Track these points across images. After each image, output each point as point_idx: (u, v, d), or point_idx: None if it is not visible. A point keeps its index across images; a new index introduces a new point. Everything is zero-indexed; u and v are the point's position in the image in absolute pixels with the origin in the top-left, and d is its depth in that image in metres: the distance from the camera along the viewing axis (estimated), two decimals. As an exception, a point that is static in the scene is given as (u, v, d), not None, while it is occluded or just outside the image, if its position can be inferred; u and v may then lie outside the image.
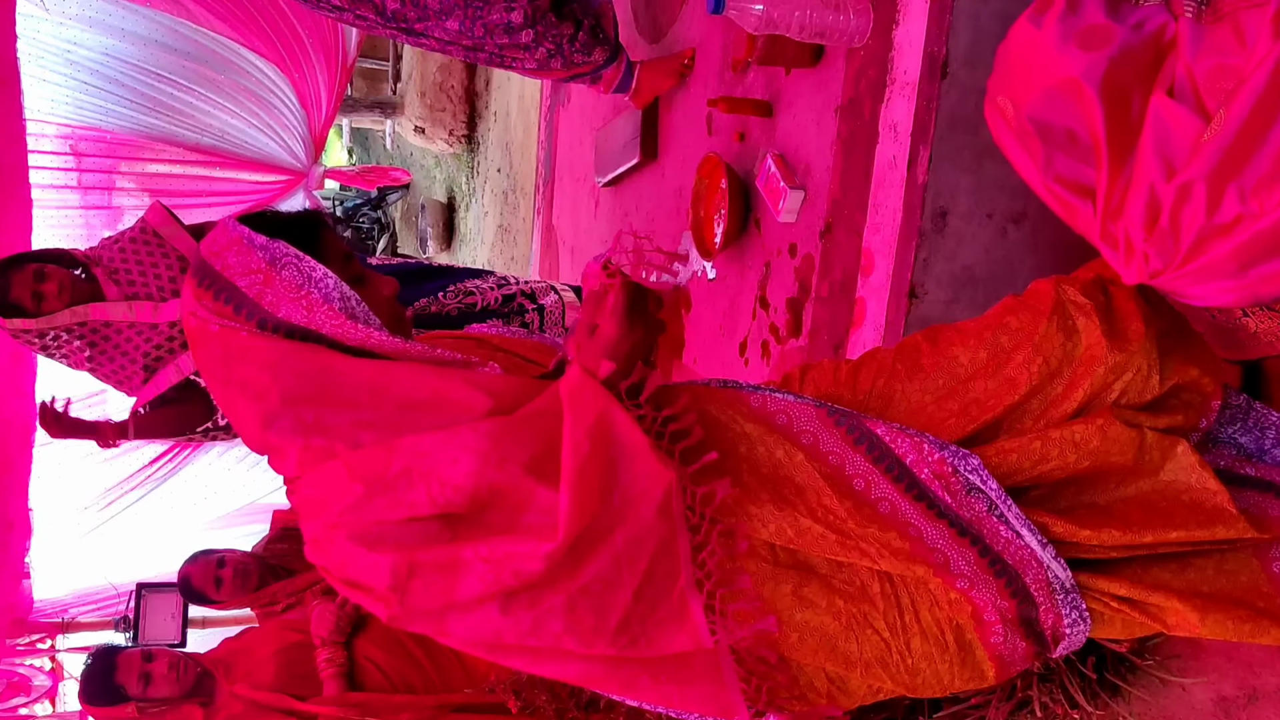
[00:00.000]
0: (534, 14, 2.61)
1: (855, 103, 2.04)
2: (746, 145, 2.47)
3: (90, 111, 5.18)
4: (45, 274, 2.77)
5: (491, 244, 6.77)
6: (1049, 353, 1.36)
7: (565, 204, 4.06)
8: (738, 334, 2.45)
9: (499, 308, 3.13)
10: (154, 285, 2.89)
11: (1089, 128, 1.29)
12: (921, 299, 1.85)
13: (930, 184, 1.83)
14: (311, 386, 1.15)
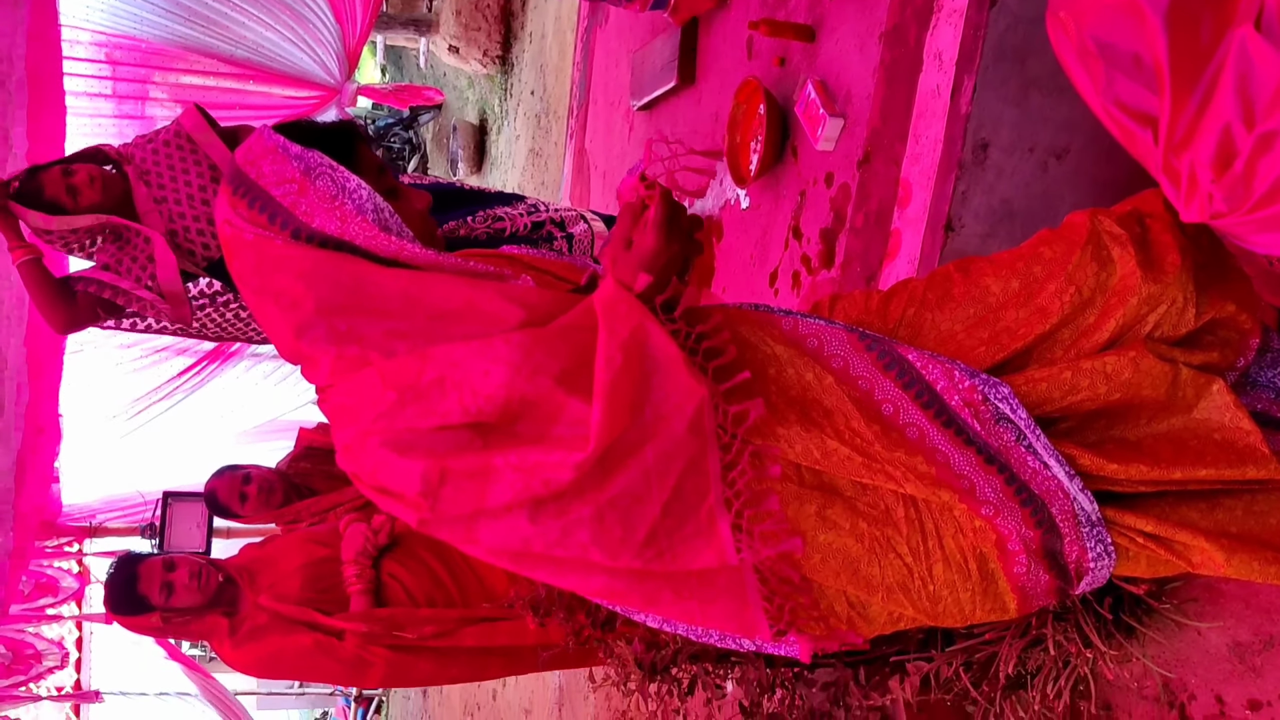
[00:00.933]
0: None
1: (900, 29, 2.00)
2: (787, 70, 2.43)
3: (126, 19, 5.16)
4: (71, 170, 2.78)
5: (523, 168, 6.73)
6: (1082, 282, 1.34)
7: (599, 128, 4.02)
8: (769, 264, 2.43)
9: (528, 234, 3.12)
10: (184, 192, 2.89)
11: (1153, 53, 1.22)
12: (958, 232, 1.83)
13: (973, 115, 1.80)
14: (345, 296, 1.15)
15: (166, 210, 2.88)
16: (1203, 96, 1.23)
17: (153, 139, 2.94)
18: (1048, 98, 1.81)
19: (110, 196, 2.84)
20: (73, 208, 2.81)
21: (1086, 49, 1.30)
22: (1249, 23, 1.21)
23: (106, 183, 2.82)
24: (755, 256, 2.51)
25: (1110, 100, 1.30)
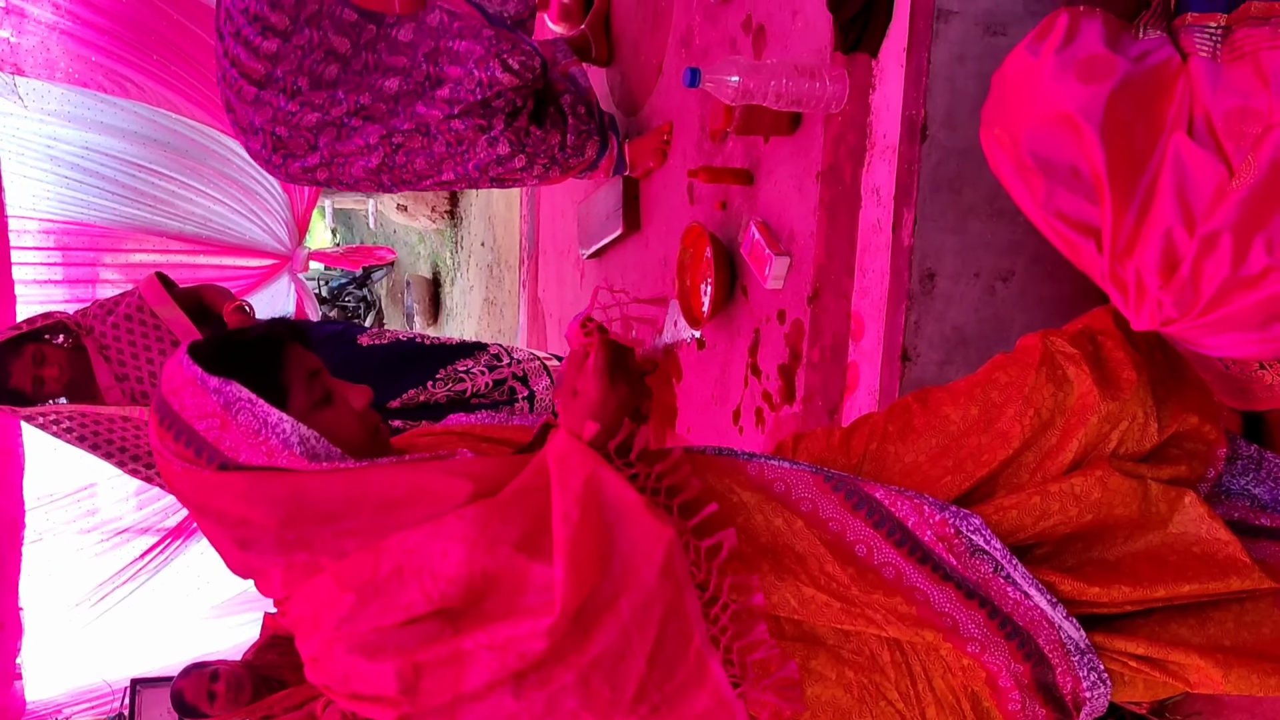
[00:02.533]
0: (518, 138, 2.68)
1: (836, 168, 2.04)
2: (729, 213, 2.47)
3: (73, 205, 5.19)
4: (44, 356, 2.75)
5: (479, 317, 6.76)
6: (1040, 404, 1.34)
7: (550, 276, 4.06)
8: (730, 402, 2.43)
9: (489, 392, 3.10)
10: (145, 370, 2.86)
11: (1090, 164, 1.25)
12: (914, 361, 1.84)
13: (916, 246, 1.83)
14: (286, 508, 1.12)
15: (129, 388, 2.85)
16: (1141, 203, 1.25)
17: (113, 310, 2.91)
18: (987, 223, 1.84)
19: (74, 383, 2.81)
20: (33, 396, 2.77)
21: (1024, 164, 1.32)
22: (1181, 129, 1.24)
23: (74, 370, 2.79)
24: (716, 395, 2.51)
25: (1051, 213, 1.32)
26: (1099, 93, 1.23)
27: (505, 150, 2.70)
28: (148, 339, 2.90)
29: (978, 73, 1.81)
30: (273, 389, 1.16)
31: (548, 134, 2.73)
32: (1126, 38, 1.27)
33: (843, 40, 1.99)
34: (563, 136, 2.76)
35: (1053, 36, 1.28)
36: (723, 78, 2.02)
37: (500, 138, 2.65)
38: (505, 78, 2.54)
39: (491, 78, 2.54)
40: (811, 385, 2.09)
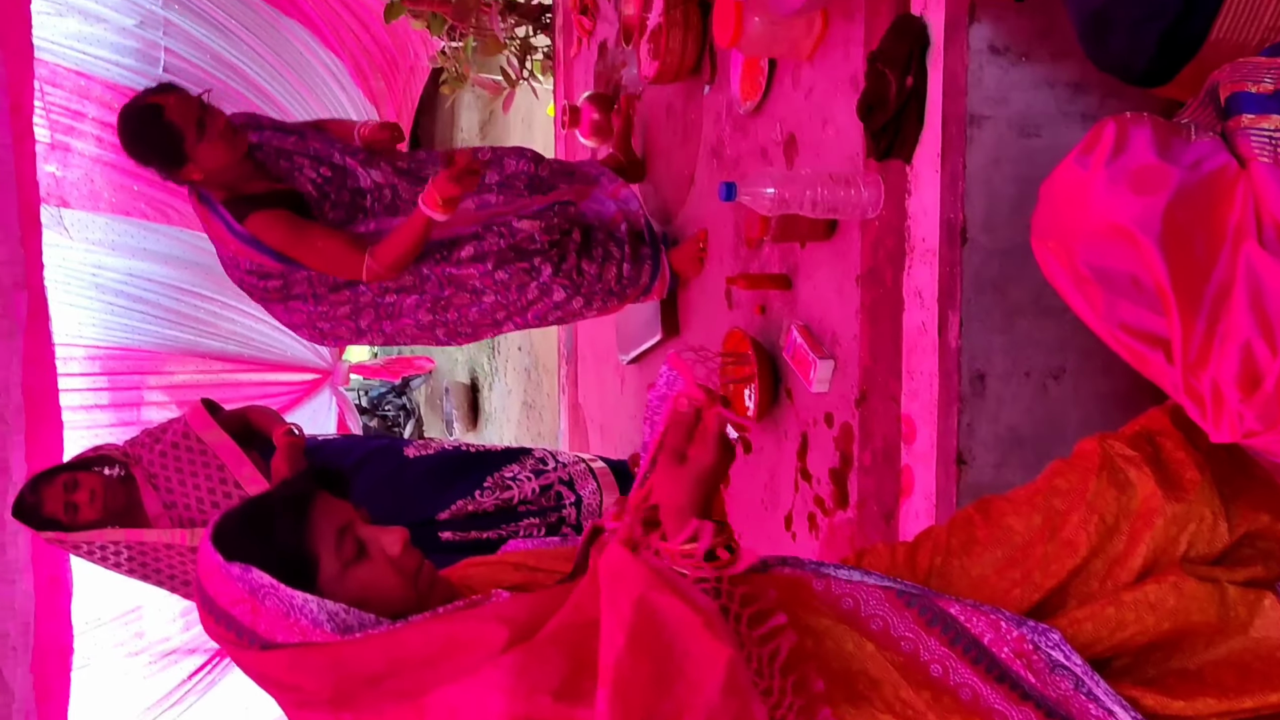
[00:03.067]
0: (572, 281, 2.76)
1: (876, 271, 2.05)
2: (769, 317, 2.48)
3: (117, 330, 5.29)
4: (76, 482, 2.79)
5: (518, 421, 6.78)
6: (1104, 509, 1.32)
7: (590, 382, 4.07)
8: (781, 507, 2.41)
9: (535, 498, 3.10)
10: (193, 496, 2.89)
11: (1151, 276, 1.22)
12: (970, 464, 1.82)
13: (963, 347, 1.82)
14: (331, 675, 1.13)
15: (176, 515, 2.87)
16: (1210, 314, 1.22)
17: (160, 438, 2.95)
18: (1034, 321, 1.83)
19: (112, 509, 2.83)
20: (69, 523, 2.79)
21: (1081, 275, 1.30)
22: (1249, 238, 1.22)
23: (109, 495, 2.81)
24: (766, 500, 2.49)
25: (1115, 325, 1.30)
26: (1154, 204, 1.21)
27: (561, 296, 2.76)
28: (194, 465, 2.93)
29: (1014, 175, 1.82)
30: (301, 557, 1.17)
31: (603, 269, 2.79)
32: (1178, 143, 1.25)
33: (875, 147, 2.01)
34: (618, 269, 2.83)
35: (1101, 147, 1.27)
36: (758, 190, 2.04)
37: (553, 284, 2.73)
38: (524, 225, 2.65)
39: (509, 228, 2.66)
40: (865, 490, 2.07)
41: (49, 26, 4.90)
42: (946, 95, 1.84)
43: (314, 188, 2.64)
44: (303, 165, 2.66)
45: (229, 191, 2.63)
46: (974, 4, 1.78)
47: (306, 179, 2.65)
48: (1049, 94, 1.84)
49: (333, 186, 2.65)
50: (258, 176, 2.65)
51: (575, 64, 3.99)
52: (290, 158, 2.66)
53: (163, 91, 2.60)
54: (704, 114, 2.82)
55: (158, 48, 5.18)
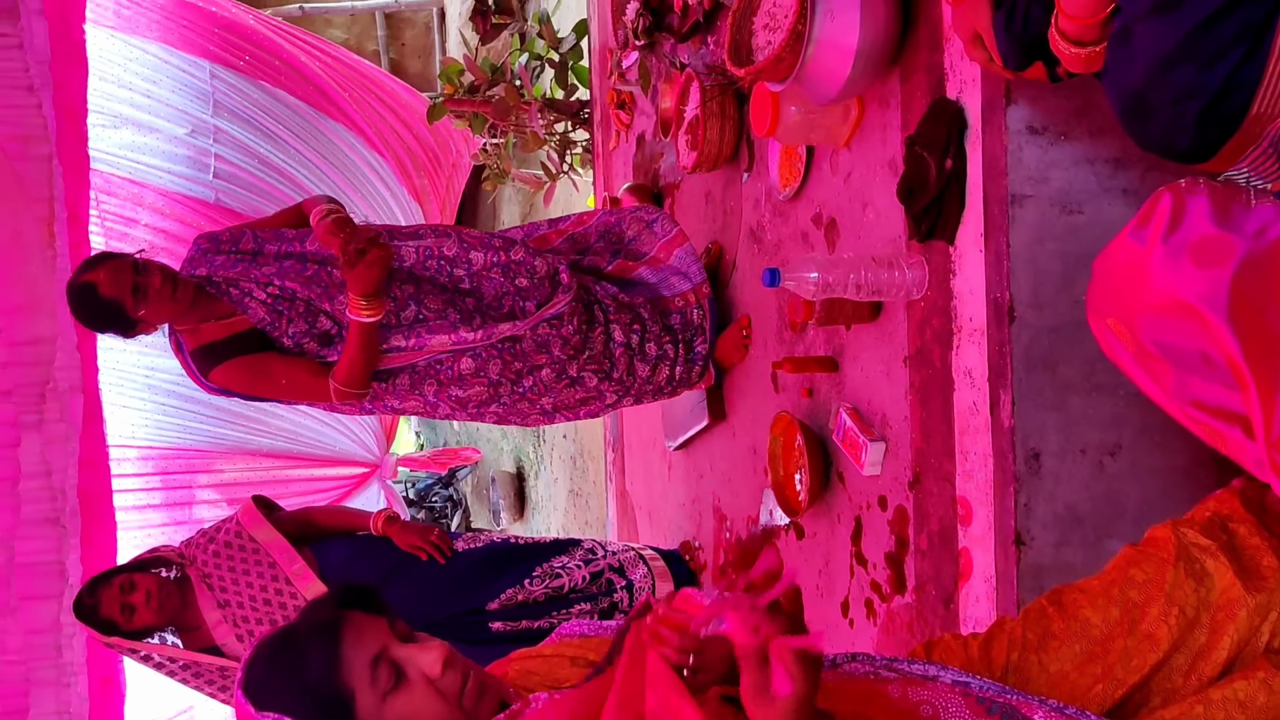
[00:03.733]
0: (624, 384, 2.81)
1: (924, 352, 2.05)
2: (816, 399, 2.47)
3: (169, 431, 5.36)
4: (132, 584, 2.82)
5: (565, 509, 6.76)
6: (1183, 601, 1.28)
7: (637, 468, 4.06)
8: (837, 593, 2.38)
9: (586, 586, 3.09)
10: (245, 594, 2.91)
11: (1222, 351, 1.18)
12: (1029, 545, 1.79)
13: (1016, 426, 1.80)
14: None
15: (231, 614, 2.89)
16: None
17: (214, 538, 2.98)
18: (1087, 398, 1.82)
19: (168, 610, 2.85)
20: (125, 626, 2.82)
21: (1147, 353, 1.26)
22: None
23: (164, 596, 2.84)
24: (822, 587, 2.46)
25: (1186, 402, 1.26)
26: (1219, 277, 1.17)
27: (613, 399, 2.79)
28: (247, 564, 2.95)
29: (1059, 252, 1.82)
30: (335, 693, 1.12)
31: (655, 371, 2.81)
32: (1238, 209, 1.22)
33: (917, 229, 2.02)
34: (671, 370, 2.84)
35: (1157, 220, 1.24)
36: (802, 275, 2.05)
37: (607, 390, 2.75)
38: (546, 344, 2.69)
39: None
40: (923, 574, 2.04)
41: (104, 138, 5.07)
42: (987, 176, 1.86)
43: (265, 311, 2.59)
44: (251, 289, 2.60)
45: (193, 336, 2.63)
46: (1010, 86, 1.80)
47: (256, 304, 2.59)
48: (1089, 171, 1.85)
49: (284, 302, 2.60)
50: (214, 313, 2.61)
51: (614, 157, 4.06)
52: (238, 284, 2.60)
53: (93, 267, 2.55)
54: (743, 200, 2.85)
55: (208, 154, 5.34)
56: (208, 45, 5.36)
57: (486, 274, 2.69)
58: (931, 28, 2.00)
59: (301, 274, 2.60)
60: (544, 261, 2.73)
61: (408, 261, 2.65)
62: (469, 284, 2.68)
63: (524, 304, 2.69)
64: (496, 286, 2.69)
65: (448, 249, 2.70)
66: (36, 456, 3.63)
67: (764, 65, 2.07)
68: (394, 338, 2.61)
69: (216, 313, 2.62)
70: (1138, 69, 1.36)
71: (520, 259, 2.72)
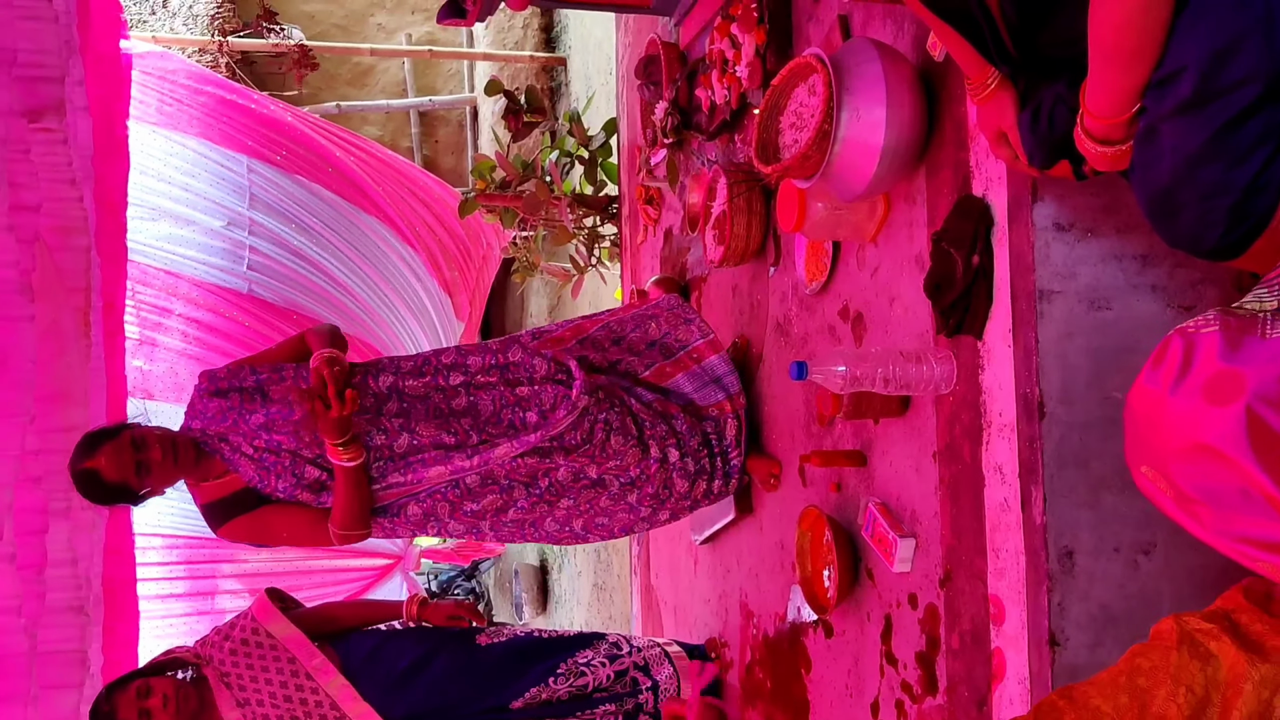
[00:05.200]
0: (659, 497, 2.79)
1: (953, 447, 2.03)
2: (845, 494, 2.45)
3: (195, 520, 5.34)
4: (149, 689, 2.78)
5: (588, 604, 6.70)
6: (1190, 681, 1.28)
7: (662, 562, 4.03)
8: (867, 693, 2.33)
9: (610, 685, 3.04)
10: (265, 691, 2.87)
11: (1258, 487, 1.17)
12: (1064, 646, 1.75)
13: (1049, 524, 1.78)
14: None
15: (251, 713, 2.84)
16: None
17: (229, 635, 2.95)
18: (1120, 496, 1.80)
19: (185, 713, 2.81)
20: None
21: (1186, 497, 1.24)
22: None
23: (182, 699, 2.80)
24: (851, 687, 2.41)
25: (1233, 539, 1.24)
26: (1233, 414, 1.16)
27: (646, 512, 2.78)
28: (264, 660, 2.91)
29: (1088, 347, 1.82)
30: None
31: (693, 486, 2.80)
32: (1250, 341, 1.21)
33: (945, 324, 2.02)
34: (708, 484, 2.82)
35: (1168, 364, 1.25)
36: (830, 368, 2.05)
37: (640, 503, 2.75)
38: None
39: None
40: (954, 674, 2.00)
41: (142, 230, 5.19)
42: (1014, 271, 1.86)
43: (254, 469, 2.63)
44: (240, 445, 2.63)
45: (198, 492, 2.69)
46: (1036, 184, 1.82)
47: (246, 462, 2.63)
48: (1117, 267, 1.85)
49: (271, 455, 2.63)
50: (211, 472, 2.66)
51: (642, 250, 4.10)
52: (227, 439, 2.64)
53: (92, 452, 2.57)
54: (770, 294, 2.87)
55: (243, 246, 5.44)
56: (246, 140, 5.50)
57: (485, 382, 2.70)
58: (957, 125, 2.03)
59: (289, 419, 2.61)
60: (544, 362, 2.73)
61: (385, 385, 2.68)
62: (464, 400, 2.69)
63: (524, 415, 2.67)
64: (495, 399, 2.69)
65: (445, 357, 2.74)
66: (64, 543, 3.63)
67: (791, 163, 2.10)
68: (390, 474, 2.63)
69: (213, 471, 2.66)
70: (1165, 167, 1.37)
71: (518, 360, 2.72)
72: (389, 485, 2.63)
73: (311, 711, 2.84)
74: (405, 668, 2.96)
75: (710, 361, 2.89)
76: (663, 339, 2.90)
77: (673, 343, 2.90)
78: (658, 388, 2.86)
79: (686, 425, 2.79)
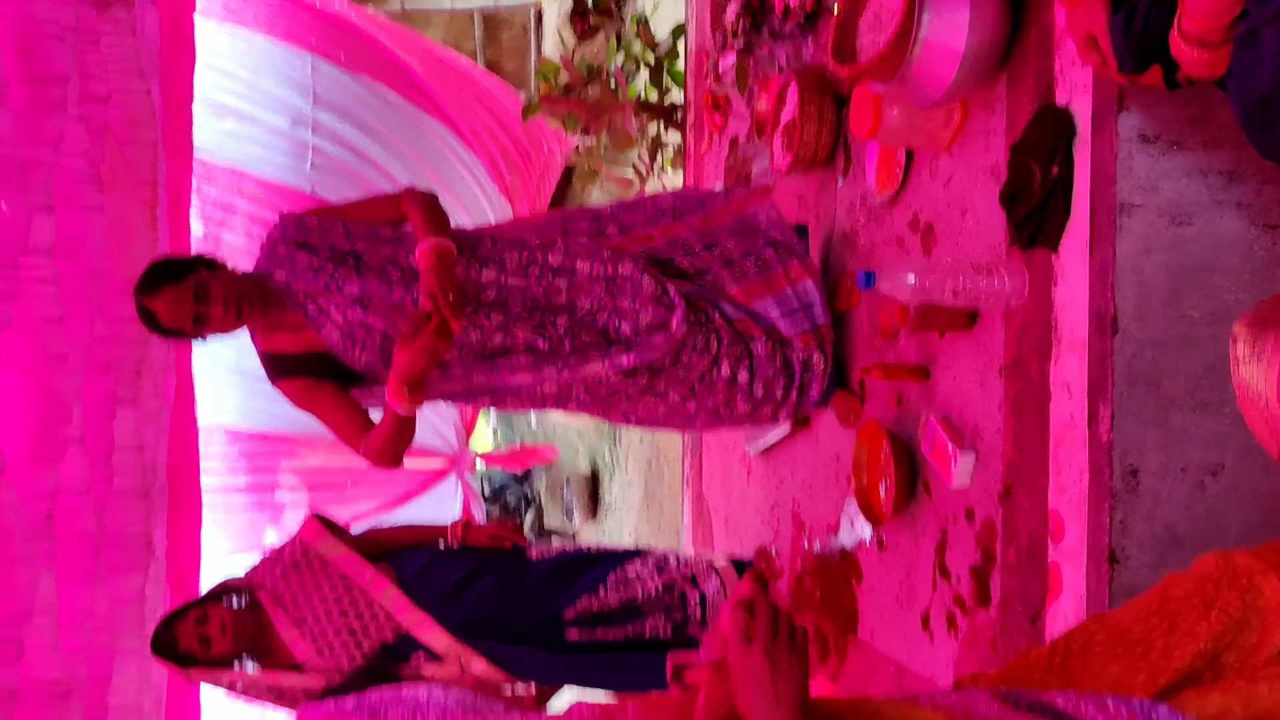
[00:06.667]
0: (719, 416, 2.75)
1: (1020, 362, 2.00)
2: (905, 409, 2.43)
3: (257, 415, 5.45)
4: (206, 617, 2.81)
5: (638, 513, 6.77)
6: (1226, 605, 1.27)
7: (715, 473, 4.04)
8: (918, 605, 2.33)
9: (660, 597, 3.06)
10: (320, 609, 2.88)
11: None
12: (1124, 564, 1.74)
13: (1115, 442, 1.76)
14: None
15: (308, 630, 2.88)
16: None
17: (279, 560, 2.97)
18: (1190, 416, 1.76)
19: (243, 638, 2.84)
20: (204, 657, 2.82)
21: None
22: None
23: (238, 625, 2.83)
24: (902, 598, 2.42)
25: None
26: None
27: (702, 422, 2.76)
28: (316, 579, 2.92)
29: (1166, 264, 1.77)
30: None
31: (756, 410, 2.75)
32: None
33: (1019, 236, 1.98)
34: (774, 410, 2.77)
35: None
36: (898, 277, 2.02)
37: (697, 414, 2.72)
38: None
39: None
40: (1009, 589, 2.00)
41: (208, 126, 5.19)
42: (1095, 184, 1.81)
43: (340, 336, 2.53)
44: (329, 310, 2.52)
45: (264, 339, 2.59)
46: (1123, 92, 1.76)
47: (332, 327, 2.52)
48: (1202, 182, 1.79)
49: (361, 329, 2.53)
50: (285, 323, 2.57)
51: (705, 159, 4.05)
52: (316, 301, 2.53)
53: (153, 289, 2.48)
54: (837, 204, 2.82)
55: (307, 146, 5.44)
56: (310, 38, 5.47)
57: (589, 287, 2.60)
58: (1042, 32, 1.96)
59: (387, 300, 2.51)
60: (652, 282, 2.61)
61: (487, 279, 2.56)
62: (565, 297, 2.59)
63: (620, 324, 2.58)
64: (595, 301, 2.60)
65: (553, 258, 2.60)
66: (131, 430, 3.72)
67: (868, 65, 2.04)
68: (475, 374, 2.56)
69: (288, 323, 2.56)
70: (1265, 73, 1.31)
71: (628, 274, 2.60)
72: (472, 386, 2.57)
73: (368, 624, 2.87)
74: (458, 581, 2.98)
75: (804, 285, 2.73)
76: (759, 252, 2.76)
77: (770, 257, 2.74)
78: (744, 307, 2.72)
79: (766, 351, 2.68)
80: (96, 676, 3.40)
